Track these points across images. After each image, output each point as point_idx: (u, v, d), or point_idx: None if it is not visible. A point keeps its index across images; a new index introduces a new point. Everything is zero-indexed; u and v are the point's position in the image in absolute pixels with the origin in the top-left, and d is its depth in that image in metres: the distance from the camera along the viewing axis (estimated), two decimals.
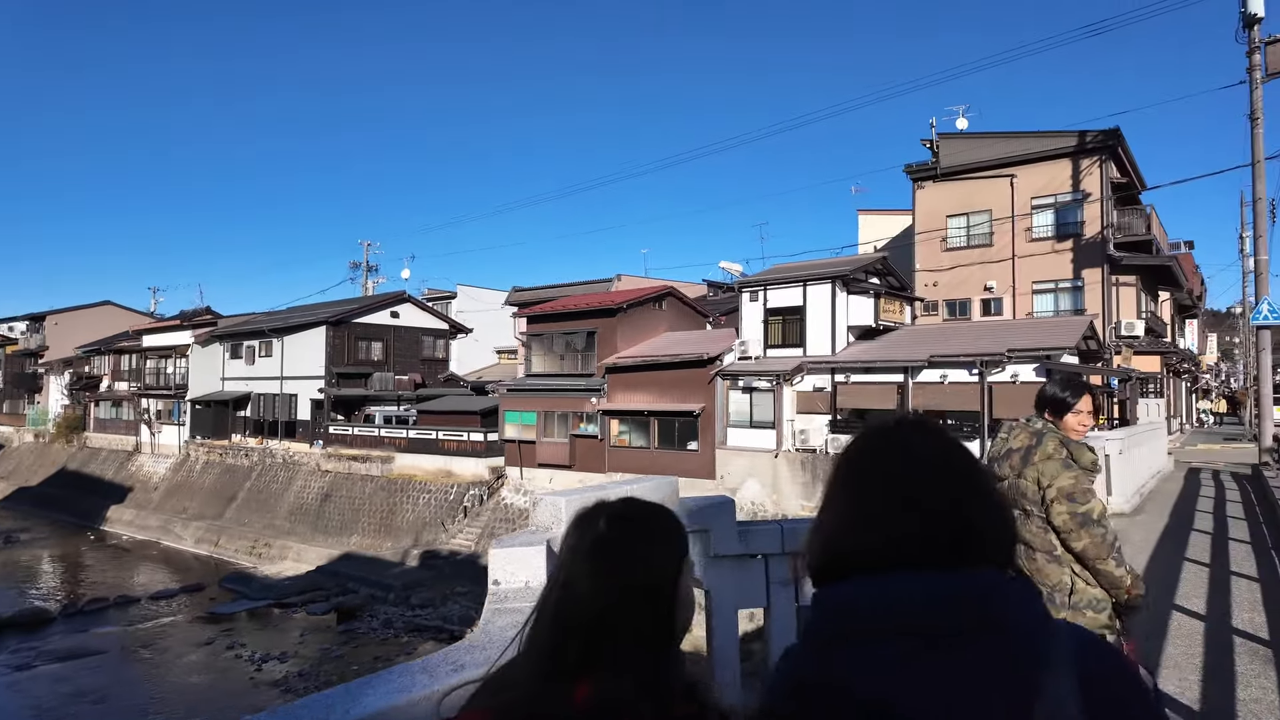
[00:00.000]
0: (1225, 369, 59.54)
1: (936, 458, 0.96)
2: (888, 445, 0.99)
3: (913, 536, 0.89)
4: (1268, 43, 16.76)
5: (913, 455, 0.96)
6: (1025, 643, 0.82)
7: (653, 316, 27.75)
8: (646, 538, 1.05)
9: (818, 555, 0.96)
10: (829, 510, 0.98)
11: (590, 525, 1.06)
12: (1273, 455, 15.98)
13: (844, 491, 0.98)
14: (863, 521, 0.92)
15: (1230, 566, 6.70)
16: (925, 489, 0.92)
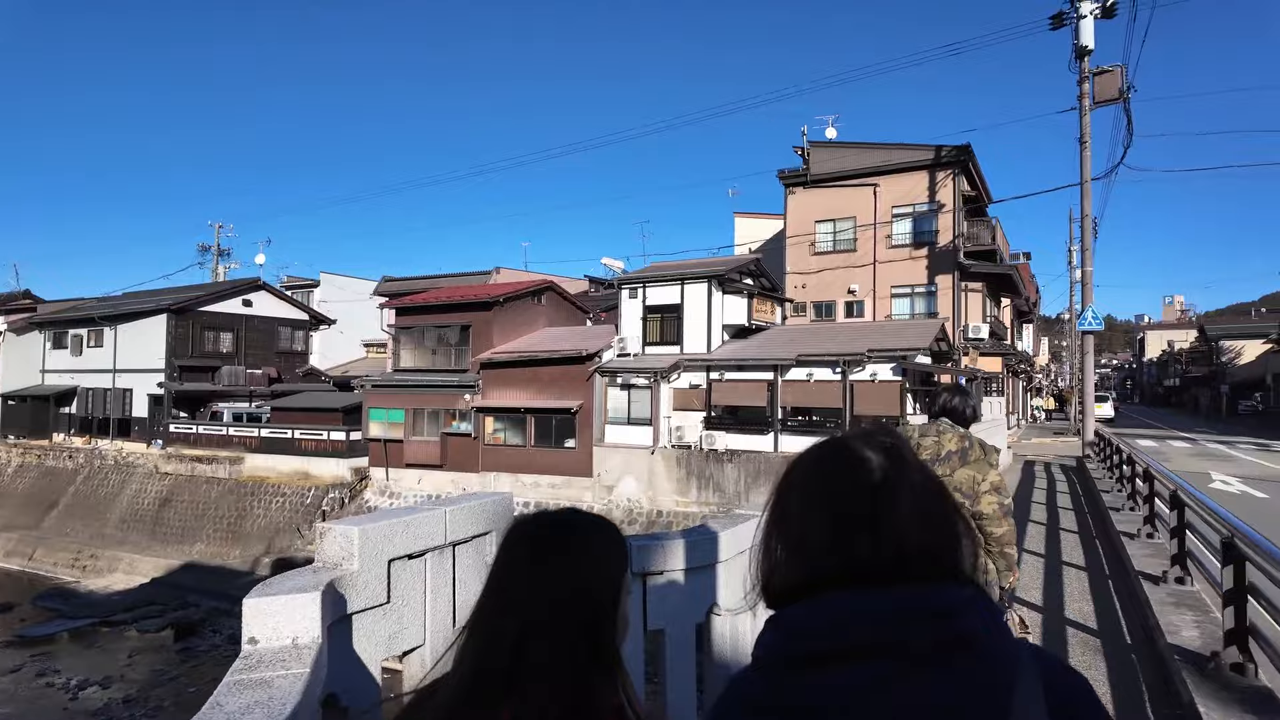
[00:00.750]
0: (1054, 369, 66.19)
1: (892, 473, 0.90)
2: (840, 461, 0.94)
3: (874, 555, 0.85)
4: (1095, 73, 18.50)
5: (868, 471, 0.91)
6: (994, 663, 0.79)
7: (531, 311, 27.13)
8: (586, 548, 1.02)
9: (772, 579, 0.92)
10: (781, 531, 0.93)
11: (530, 532, 1.03)
12: (1094, 448, 17.68)
13: (797, 511, 0.93)
14: (820, 543, 0.88)
15: (1062, 556, 7.19)
16: (881, 506, 0.88)
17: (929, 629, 0.80)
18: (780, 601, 0.90)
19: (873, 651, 0.80)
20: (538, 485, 23.37)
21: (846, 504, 0.89)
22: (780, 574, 0.91)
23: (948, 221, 27.45)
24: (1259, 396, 46.19)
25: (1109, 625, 5.14)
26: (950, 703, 0.77)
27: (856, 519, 0.88)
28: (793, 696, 0.82)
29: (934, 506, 0.91)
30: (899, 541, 0.86)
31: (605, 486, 22.41)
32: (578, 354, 22.67)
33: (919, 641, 0.79)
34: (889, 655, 0.79)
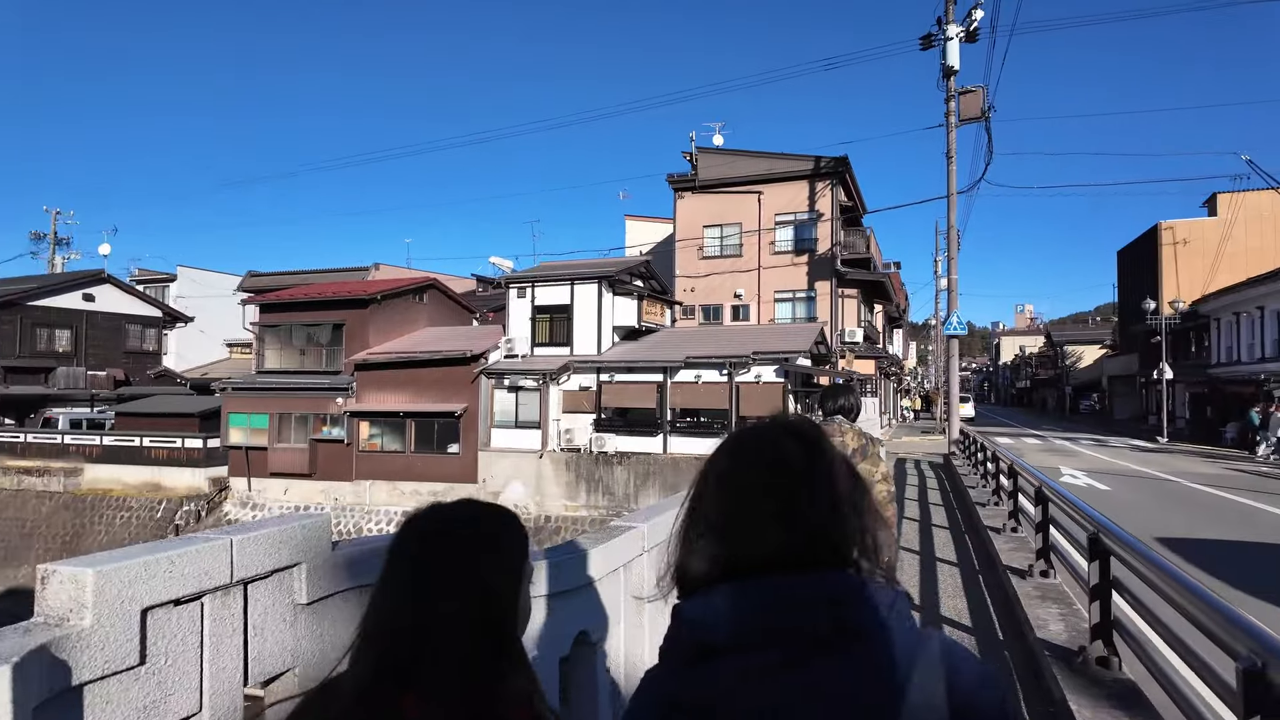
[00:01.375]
0: (921, 372, 70.70)
1: (810, 463, 0.90)
2: (759, 449, 0.93)
3: (785, 545, 0.85)
4: (960, 93, 19.68)
5: (785, 460, 0.90)
6: (890, 650, 0.78)
7: (412, 310, 25.88)
8: (482, 538, 0.99)
9: (686, 567, 0.90)
10: (696, 518, 0.92)
11: (421, 527, 0.99)
12: (959, 446, 18.75)
13: (712, 498, 0.92)
14: (734, 531, 0.87)
15: (936, 553, 7.38)
16: (796, 496, 0.87)
17: (819, 615, 0.79)
18: (686, 591, 0.89)
19: (763, 640, 0.79)
20: (418, 493, 22.24)
21: (761, 492, 0.88)
22: (694, 562, 0.89)
23: (826, 230, 28.56)
24: (1096, 396, 51.18)
25: (982, 620, 5.24)
26: (843, 690, 0.76)
27: (770, 507, 0.86)
28: (693, 689, 0.80)
29: (851, 498, 0.88)
30: (811, 531, 0.85)
31: (491, 493, 21.62)
32: (462, 355, 21.79)
33: (809, 629, 0.78)
34: (778, 643, 0.78)
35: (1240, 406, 25.43)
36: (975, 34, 20.17)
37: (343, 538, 12.22)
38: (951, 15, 20.11)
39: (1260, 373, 25.01)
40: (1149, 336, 33.71)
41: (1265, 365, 25.16)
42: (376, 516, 22.62)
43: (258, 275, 38.36)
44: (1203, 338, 32.22)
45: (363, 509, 22.88)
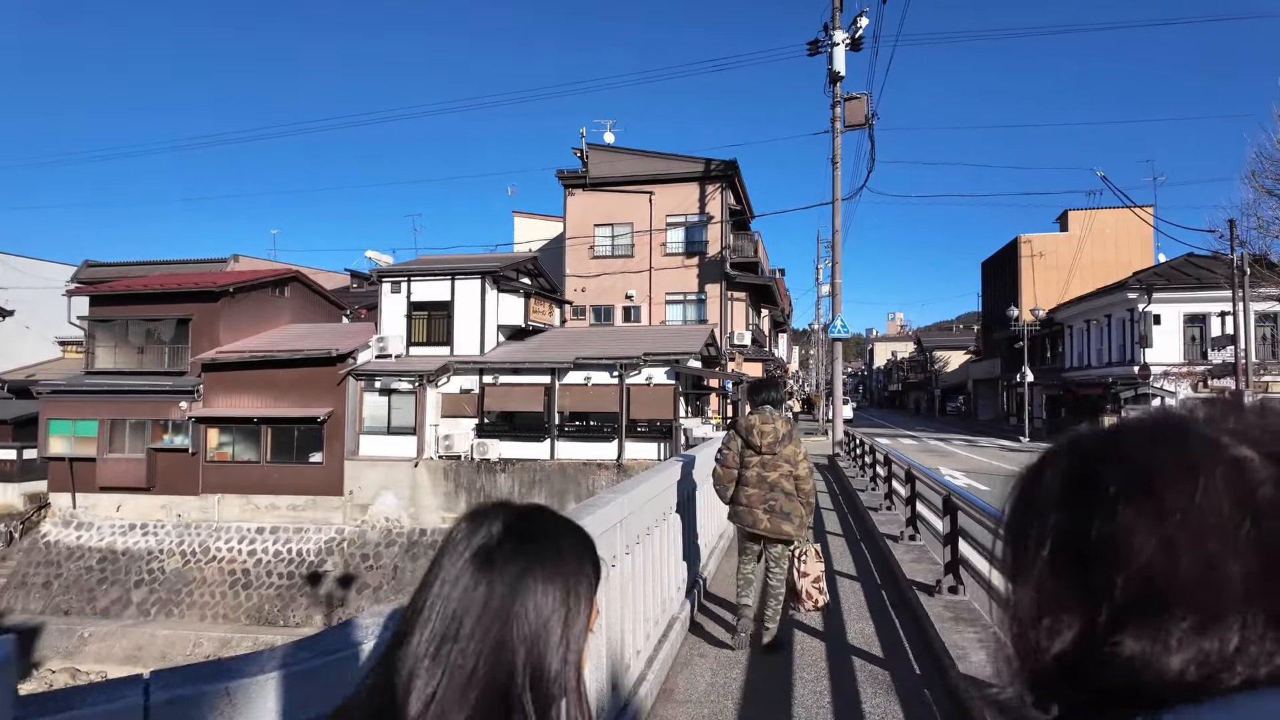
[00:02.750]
0: (803, 376, 73.14)
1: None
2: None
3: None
4: (846, 99, 19.90)
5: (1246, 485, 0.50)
6: None
7: (271, 305, 23.53)
8: (556, 557, 0.79)
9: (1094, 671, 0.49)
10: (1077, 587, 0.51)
11: (480, 533, 0.79)
12: (843, 447, 18.88)
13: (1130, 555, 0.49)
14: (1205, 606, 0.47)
15: (834, 565, 6.86)
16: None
17: None
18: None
19: None
20: (275, 507, 20.12)
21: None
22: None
23: (716, 233, 28.48)
24: (962, 399, 54.48)
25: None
26: None
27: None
28: None
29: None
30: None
31: (359, 505, 19.85)
32: (326, 354, 19.87)
33: None
34: None
35: (1091, 407, 27.37)
36: (860, 42, 20.49)
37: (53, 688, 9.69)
38: (838, 22, 20.34)
39: (1107, 376, 27.04)
40: (1010, 343, 35.96)
41: (1111, 369, 27.24)
42: (227, 534, 20.27)
43: (96, 265, 34.08)
44: (1057, 344, 34.72)
45: (210, 526, 20.44)
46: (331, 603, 18.97)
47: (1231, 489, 0.49)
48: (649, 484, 4.27)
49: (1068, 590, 0.51)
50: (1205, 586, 0.46)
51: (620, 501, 3.36)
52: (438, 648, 0.73)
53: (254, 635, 18.15)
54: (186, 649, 18.01)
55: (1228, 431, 0.52)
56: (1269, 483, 0.48)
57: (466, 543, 0.79)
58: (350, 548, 19.62)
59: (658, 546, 4.48)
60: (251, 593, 19.41)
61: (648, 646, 4.04)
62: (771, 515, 4.55)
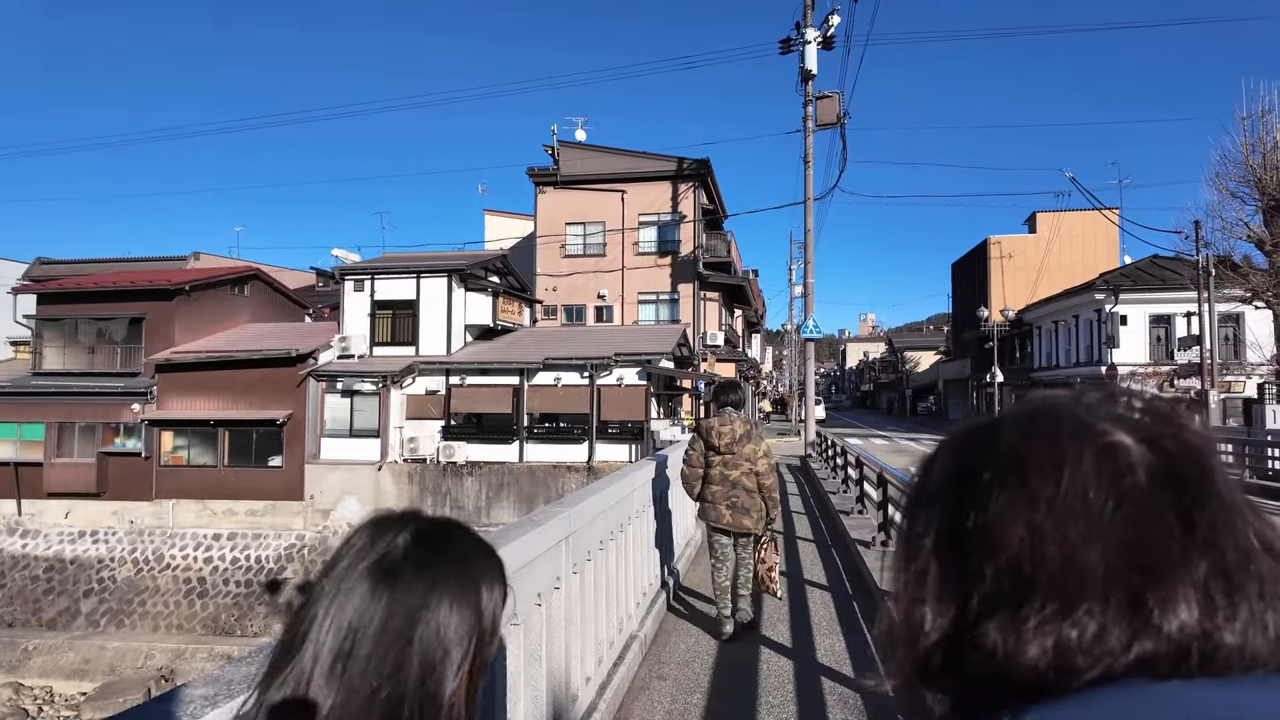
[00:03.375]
0: (776, 376, 73.36)
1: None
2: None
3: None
4: (818, 97, 19.76)
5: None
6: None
7: (230, 304, 22.78)
8: (462, 582, 0.73)
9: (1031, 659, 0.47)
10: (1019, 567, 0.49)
11: (383, 541, 0.73)
12: (815, 448, 18.72)
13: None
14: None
15: (804, 574, 6.60)
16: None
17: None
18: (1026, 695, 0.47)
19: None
20: (232, 513, 19.44)
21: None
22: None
23: (689, 232, 28.26)
24: (933, 399, 54.95)
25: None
26: None
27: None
28: None
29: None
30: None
31: (320, 511, 19.26)
32: (286, 354, 19.24)
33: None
34: None
35: None
36: (831, 41, 20.37)
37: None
38: (810, 20, 20.21)
39: (1075, 376, 27.27)
40: (980, 343, 36.24)
41: (1079, 370, 27.51)
42: (182, 541, 19.54)
43: (49, 263, 32.90)
44: (1026, 344, 35.07)
45: (165, 532, 19.69)
46: (291, 611, 18.35)
47: (1099, 475, 0.48)
48: (603, 494, 3.94)
49: (946, 580, 0.51)
50: (1065, 573, 0.46)
51: (564, 517, 3.02)
52: (331, 664, 0.66)
53: (209, 646, 17.48)
54: (137, 661, 17.30)
55: (1106, 417, 0.51)
56: (1140, 468, 0.48)
57: (368, 551, 0.72)
58: (311, 554, 19.00)
59: (614, 561, 4.15)
60: (207, 602, 18.72)
61: (600, 672, 3.71)
62: (734, 511, 4.85)
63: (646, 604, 5.01)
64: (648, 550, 5.25)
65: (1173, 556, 0.46)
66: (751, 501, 4.82)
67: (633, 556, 4.71)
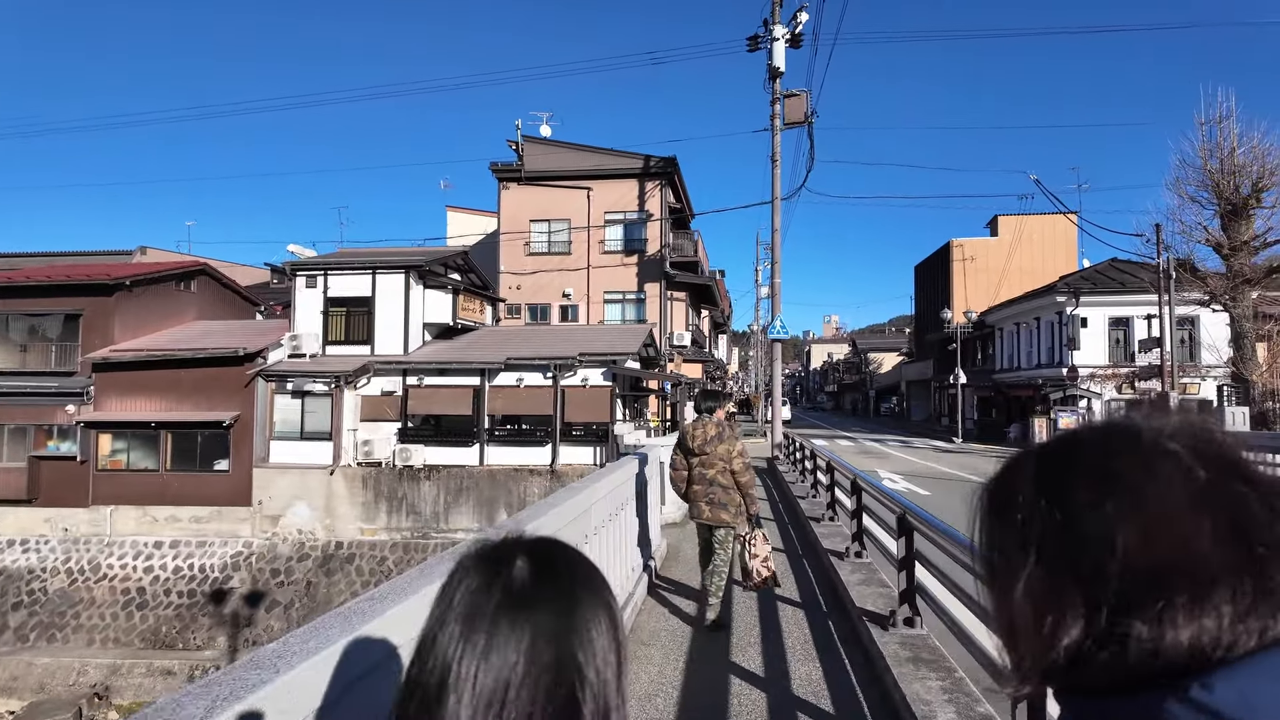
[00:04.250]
0: (742, 377, 73.45)
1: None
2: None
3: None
4: (785, 95, 19.52)
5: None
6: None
7: (175, 300, 21.73)
8: (594, 602, 0.69)
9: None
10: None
11: (503, 573, 0.68)
12: (782, 450, 18.47)
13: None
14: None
15: (776, 592, 6.22)
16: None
17: None
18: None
19: None
20: (175, 519, 18.48)
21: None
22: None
23: (656, 231, 27.88)
24: (895, 400, 55.46)
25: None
26: None
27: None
28: None
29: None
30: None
31: (269, 517, 18.40)
32: (233, 353, 18.34)
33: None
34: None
35: (1021, 409, 27.90)
36: (799, 39, 20.15)
37: None
38: (778, 17, 19.97)
39: (1037, 378, 27.57)
40: (943, 345, 36.54)
41: (1041, 371, 27.79)
42: (120, 549, 18.52)
43: None
44: (988, 346, 35.44)
45: (102, 541, 18.65)
46: (238, 622, 17.48)
47: (1176, 478, 0.55)
48: (557, 511, 3.49)
49: (1064, 589, 0.55)
50: (1187, 563, 0.52)
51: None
52: (486, 712, 0.61)
53: (148, 660, 16.56)
54: (69, 678, 16.30)
55: (1162, 432, 0.59)
56: (1200, 469, 0.56)
57: (492, 586, 0.67)
58: (259, 562, 18.15)
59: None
60: (147, 614, 17.74)
61: None
62: (711, 506, 5.27)
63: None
64: (613, 558, 4.81)
65: (1268, 531, 0.52)
66: (728, 497, 5.22)
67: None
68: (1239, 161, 18.17)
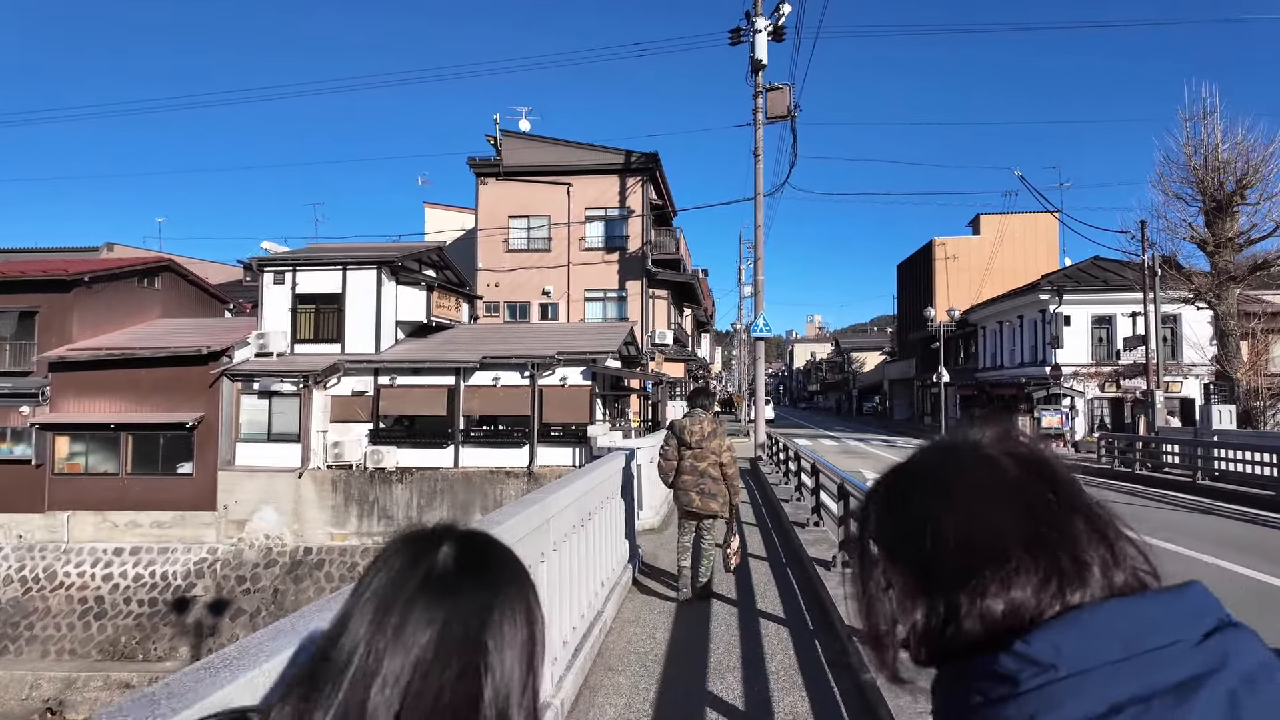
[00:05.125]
0: (725, 376, 73.22)
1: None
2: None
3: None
4: (768, 89, 19.14)
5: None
6: None
7: (138, 298, 20.95)
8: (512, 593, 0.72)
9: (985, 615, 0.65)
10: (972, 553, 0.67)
11: (428, 557, 0.70)
12: (765, 450, 18.09)
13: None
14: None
15: (759, 603, 5.78)
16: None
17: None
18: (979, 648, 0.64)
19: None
20: (136, 525, 17.76)
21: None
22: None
23: (637, 227, 27.41)
24: (878, 399, 55.38)
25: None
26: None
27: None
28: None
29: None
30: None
31: (234, 521, 17.72)
32: (196, 351, 17.65)
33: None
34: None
35: (1005, 406, 27.70)
36: (782, 32, 19.78)
37: None
38: (760, 9, 19.58)
39: (1020, 376, 27.42)
40: (925, 344, 36.39)
41: (1024, 370, 27.64)
42: (78, 557, 17.76)
43: None
44: (970, 345, 35.32)
45: (58, 547, 17.88)
46: (201, 632, 16.80)
47: (983, 475, 0.68)
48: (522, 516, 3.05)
49: (908, 577, 0.67)
50: (992, 545, 0.64)
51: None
52: (392, 697, 0.62)
53: (105, 673, 15.83)
54: (21, 692, 15.55)
55: (981, 440, 0.72)
56: (1012, 471, 0.68)
57: (413, 568, 0.68)
58: (224, 569, 17.47)
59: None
60: (106, 624, 17.01)
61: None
62: (702, 496, 5.70)
63: (576, 640, 4.09)
64: (584, 575, 4.34)
65: (1059, 516, 0.64)
66: (717, 488, 5.70)
67: (567, 582, 3.78)
68: (1223, 158, 18.02)
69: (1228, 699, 0.55)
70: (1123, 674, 0.57)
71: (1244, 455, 13.03)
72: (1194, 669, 0.57)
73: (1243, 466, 12.96)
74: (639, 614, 5.53)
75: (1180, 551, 8.26)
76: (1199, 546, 8.65)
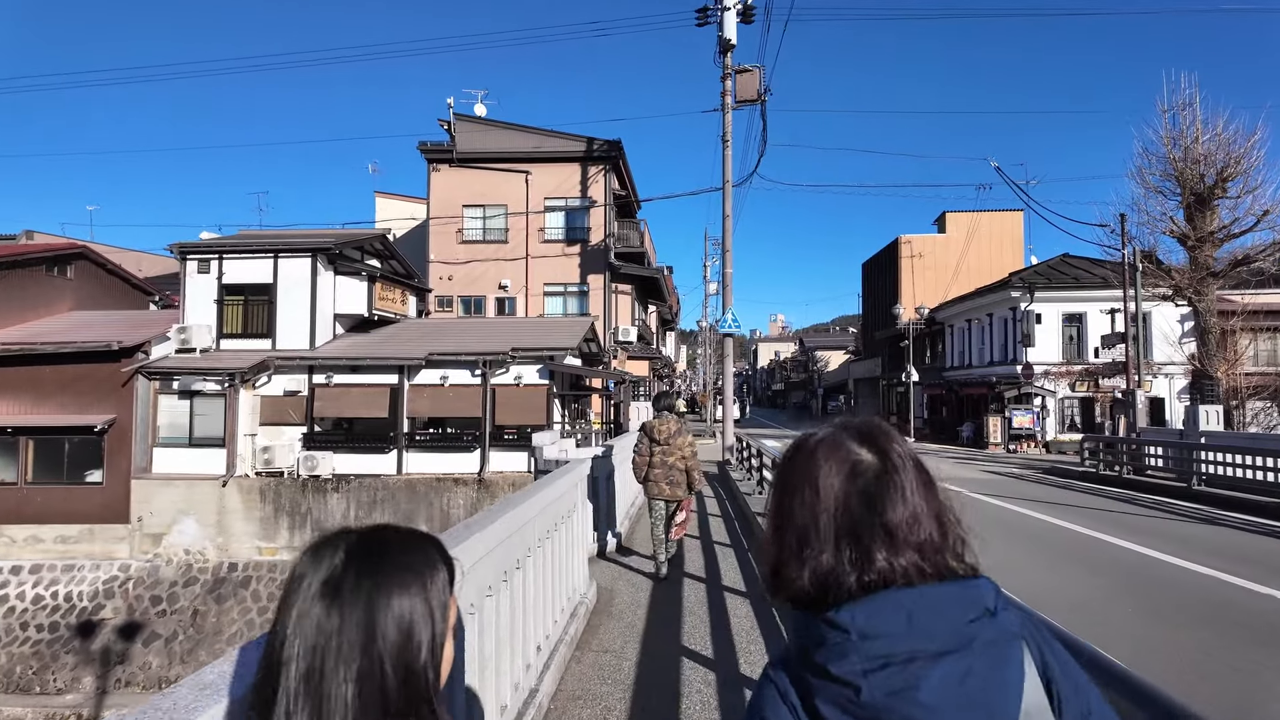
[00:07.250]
0: (690, 375, 72.34)
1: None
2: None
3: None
4: (737, 71, 18.05)
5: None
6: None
7: (48, 288, 18.98)
8: (402, 578, 0.83)
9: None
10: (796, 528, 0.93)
11: (325, 560, 0.82)
12: (734, 452, 17.00)
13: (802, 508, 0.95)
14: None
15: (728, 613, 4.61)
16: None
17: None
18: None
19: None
20: (37, 540, 15.91)
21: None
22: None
23: (600, 219, 26.17)
24: (843, 398, 54.96)
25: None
26: (993, 686, 0.80)
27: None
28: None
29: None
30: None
31: (150, 535, 15.99)
32: (106, 346, 15.85)
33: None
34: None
35: (974, 406, 27.13)
36: (751, 12, 18.72)
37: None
38: None
39: (991, 375, 26.83)
40: (892, 342, 35.79)
41: (994, 369, 27.07)
42: None
43: None
44: (938, 343, 34.80)
45: None
46: (108, 659, 15.04)
47: (838, 467, 0.90)
48: None
49: (772, 532, 0.94)
50: (797, 518, 0.90)
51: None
52: (305, 684, 0.75)
53: None
54: None
55: (845, 433, 0.94)
56: (861, 462, 0.90)
57: (311, 577, 0.79)
58: (137, 588, 15.73)
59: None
60: None
61: None
62: (670, 485, 6.61)
63: (550, 642, 2.83)
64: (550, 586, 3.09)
65: (863, 517, 0.86)
66: (681, 478, 6.62)
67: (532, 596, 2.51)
68: (1203, 149, 17.49)
69: (965, 668, 0.77)
70: (899, 640, 0.78)
71: (1247, 460, 12.04)
72: (951, 644, 0.78)
73: (1244, 472, 12.05)
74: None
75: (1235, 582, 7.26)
76: (1242, 571, 7.66)
